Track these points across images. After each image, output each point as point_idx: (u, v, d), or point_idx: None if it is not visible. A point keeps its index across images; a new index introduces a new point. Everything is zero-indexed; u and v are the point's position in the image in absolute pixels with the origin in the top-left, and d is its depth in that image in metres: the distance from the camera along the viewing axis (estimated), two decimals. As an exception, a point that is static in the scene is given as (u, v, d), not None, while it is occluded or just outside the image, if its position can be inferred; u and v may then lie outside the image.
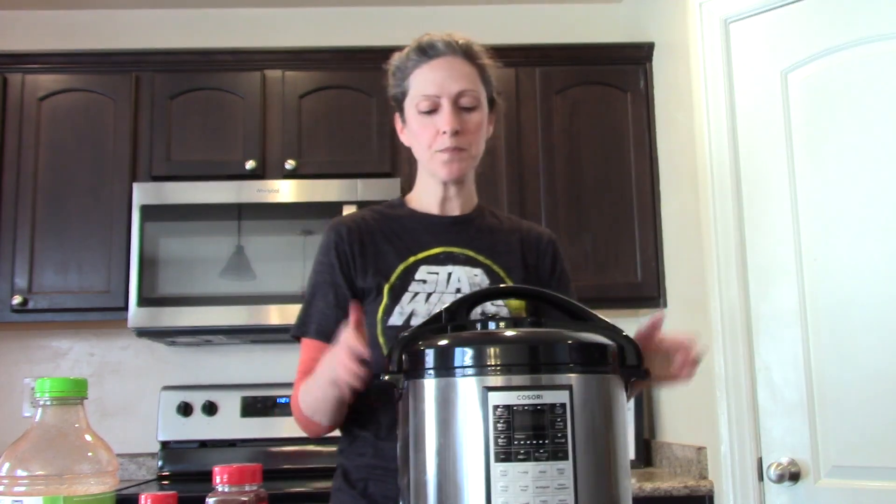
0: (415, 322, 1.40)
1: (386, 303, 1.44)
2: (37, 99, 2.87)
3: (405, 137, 1.56)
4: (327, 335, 1.45)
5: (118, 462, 0.99)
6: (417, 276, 1.46)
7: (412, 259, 1.48)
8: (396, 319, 1.42)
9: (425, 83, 1.47)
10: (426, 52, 1.48)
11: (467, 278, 1.47)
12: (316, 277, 1.52)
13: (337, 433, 1.52)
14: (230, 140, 2.88)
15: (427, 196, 1.55)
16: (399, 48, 1.54)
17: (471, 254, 1.51)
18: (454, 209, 1.55)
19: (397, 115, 1.57)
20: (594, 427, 0.98)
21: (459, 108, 1.46)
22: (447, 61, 1.47)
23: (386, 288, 1.45)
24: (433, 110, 1.46)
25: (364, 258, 1.49)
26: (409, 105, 1.50)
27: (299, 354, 1.52)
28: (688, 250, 2.65)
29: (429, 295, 1.45)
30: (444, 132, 1.45)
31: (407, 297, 1.44)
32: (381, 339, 1.42)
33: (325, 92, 2.92)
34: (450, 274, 1.47)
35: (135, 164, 2.85)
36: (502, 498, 0.93)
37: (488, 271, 1.50)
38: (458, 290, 1.46)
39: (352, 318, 1.23)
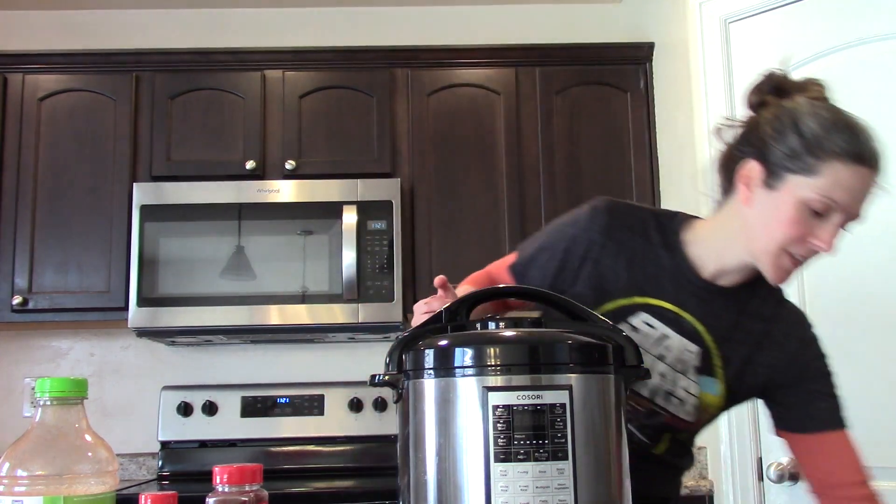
0: None
1: None
2: (37, 99, 2.87)
3: (752, 196, 1.30)
4: (522, 280, 1.39)
5: (118, 462, 0.99)
6: (632, 320, 1.34)
7: (639, 300, 1.34)
8: None
9: (842, 189, 1.25)
10: (861, 154, 1.27)
11: (678, 351, 1.34)
12: (555, 235, 1.41)
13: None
14: (230, 140, 2.88)
15: (714, 254, 1.34)
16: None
17: (700, 329, 1.35)
18: (728, 281, 1.36)
19: (757, 165, 1.30)
20: (594, 427, 0.98)
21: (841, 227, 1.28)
22: (869, 177, 1.28)
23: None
24: (822, 214, 1.25)
25: (596, 265, 1.36)
26: (800, 187, 1.25)
27: (498, 259, 1.47)
28: (688, 250, 2.65)
29: None
30: (816, 245, 1.26)
31: None
32: None
33: (325, 92, 2.92)
34: (665, 337, 1.34)
35: (135, 164, 2.86)
36: (502, 498, 0.93)
37: (705, 356, 1.34)
38: (662, 357, 1.33)
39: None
